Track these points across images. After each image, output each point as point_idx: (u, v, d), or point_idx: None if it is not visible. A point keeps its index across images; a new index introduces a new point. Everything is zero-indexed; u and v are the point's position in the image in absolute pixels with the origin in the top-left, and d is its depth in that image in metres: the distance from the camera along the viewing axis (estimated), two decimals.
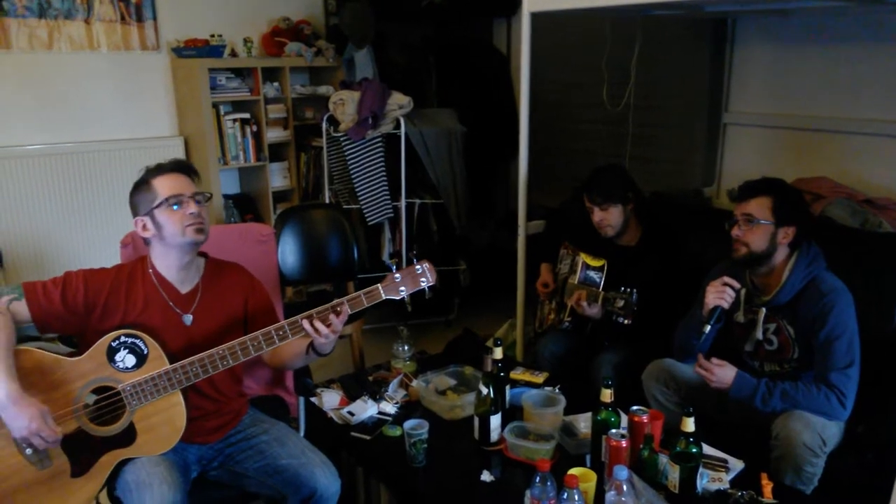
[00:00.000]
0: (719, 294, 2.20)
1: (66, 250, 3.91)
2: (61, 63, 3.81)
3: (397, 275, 1.92)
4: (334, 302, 1.89)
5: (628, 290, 2.52)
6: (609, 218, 2.74)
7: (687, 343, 2.34)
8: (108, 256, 2.18)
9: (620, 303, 2.53)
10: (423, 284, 1.93)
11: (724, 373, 2.16)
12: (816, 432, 2.04)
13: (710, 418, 2.22)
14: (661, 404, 2.38)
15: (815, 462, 2.05)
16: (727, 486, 1.91)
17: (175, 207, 1.89)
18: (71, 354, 1.87)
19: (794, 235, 2.18)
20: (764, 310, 2.26)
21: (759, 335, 2.28)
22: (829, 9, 2.93)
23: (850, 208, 2.82)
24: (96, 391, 1.86)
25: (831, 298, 2.12)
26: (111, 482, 1.88)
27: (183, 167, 1.97)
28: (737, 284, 2.19)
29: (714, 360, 2.17)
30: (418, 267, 1.93)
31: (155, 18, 4.04)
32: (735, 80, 3.50)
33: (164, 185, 1.91)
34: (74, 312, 1.90)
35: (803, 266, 2.19)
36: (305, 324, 1.87)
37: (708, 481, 1.91)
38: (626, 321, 2.53)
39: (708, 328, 2.22)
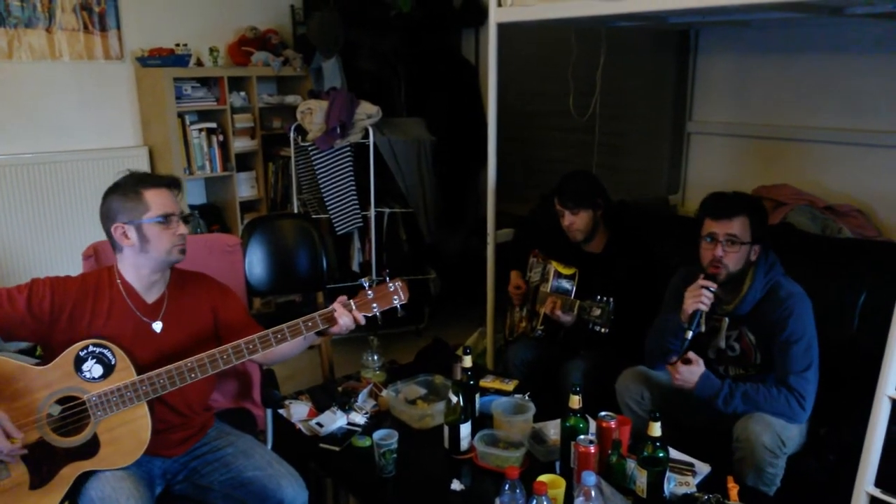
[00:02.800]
0: (697, 298, 2.18)
1: (28, 262, 3.83)
2: (22, 72, 3.75)
3: (370, 292, 1.92)
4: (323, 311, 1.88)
5: (605, 298, 2.53)
6: (578, 222, 2.76)
7: (664, 349, 2.32)
8: (70, 268, 2.14)
9: (597, 311, 2.53)
10: (395, 303, 1.93)
11: (690, 372, 2.18)
12: (776, 433, 2.08)
13: (678, 423, 2.24)
14: (634, 412, 2.39)
15: (775, 463, 2.09)
16: (694, 489, 1.93)
17: (172, 224, 1.89)
18: (36, 364, 1.83)
19: (759, 252, 2.22)
20: (727, 319, 2.29)
21: (722, 344, 2.31)
22: (789, 20, 3.00)
23: (811, 215, 2.88)
24: (61, 401, 1.83)
25: (791, 303, 2.16)
26: (74, 498, 1.84)
27: (178, 184, 1.97)
28: (713, 285, 2.18)
29: (690, 353, 2.18)
30: (391, 285, 1.93)
31: (119, 27, 3.99)
32: (698, 90, 3.57)
33: (158, 201, 1.89)
34: (40, 320, 1.86)
35: (762, 274, 2.22)
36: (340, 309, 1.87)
37: (675, 485, 1.93)
38: (603, 330, 2.53)
39: (690, 334, 2.21)
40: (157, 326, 1.96)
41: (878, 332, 1.94)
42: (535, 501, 1.63)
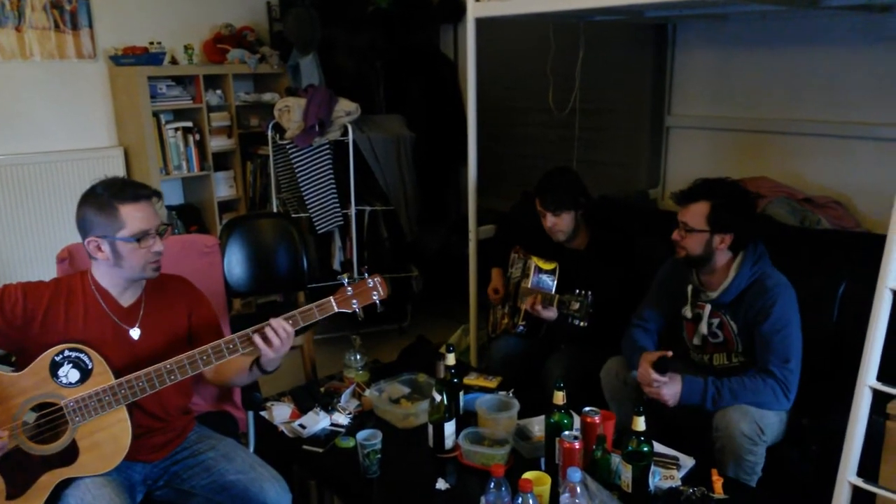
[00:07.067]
0: (648, 387, 2.20)
1: (1, 266, 3.75)
2: None
3: (349, 288, 1.92)
4: (281, 317, 1.87)
5: (583, 292, 2.53)
6: (561, 223, 2.75)
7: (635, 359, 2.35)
8: (45, 271, 2.11)
9: (576, 305, 2.54)
10: (374, 298, 1.94)
11: (671, 389, 2.18)
12: (754, 421, 2.09)
13: (661, 412, 2.24)
14: (618, 401, 2.41)
15: (754, 451, 2.10)
16: (679, 483, 1.93)
17: (147, 242, 1.84)
18: (11, 371, 1.80)
19: (732, 241, 2.22)
20: (709, 306, 2.31)
21: (705, 330, 2.33)
22: (766, 13, 3.02)
23: (790, 207, 2.90)
24: (37, 408, 1.79)
25: (775, 293, 2.18)
26: None
27: (154, 194, 1.91)
28: (662, 379, 2.16)
29: (657, 376, 2.16)
30: (370, 281, 1.94)
31: (91, 26, 3.92)
32: (677, 84, 3.58)
33: (134, 217, 1.83)
34: (13, 325, 1.82)
35: (749, 266, 2.24)
36: (256, 337, 1.83)
37: (660, 479, 1.93)
38: (581, 323, 2.53)
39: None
40: (135, 333, 1.93)
41: (858, 322, 1.95)
42: (520, 499, 1.63)
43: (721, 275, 2.28)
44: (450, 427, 2.12)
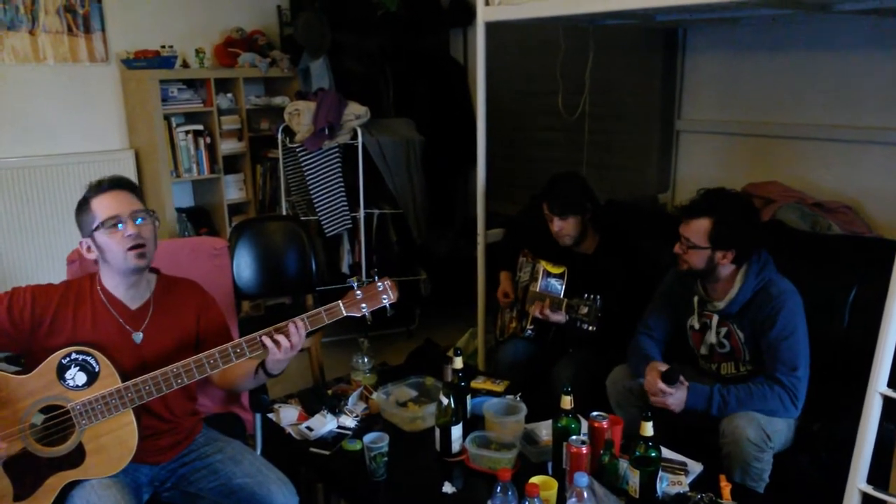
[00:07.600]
0: (654, 397, 2.19)
1: (12, 268, 3.78)
2: (5, 75, 3.70)
3: (359, 292, 1.91)
4: (287, 321, 1.87)
5: (592, 296, 2.52)
6: (567, 228, 2.75)
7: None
8: (56, 274, 2.12)
9: (584, 309, 2.53)
10: (384, 302, 1.93)
11: (677, 398, 2.17)
12: (761, 427, 2.08)
13: (668, 420, 2.23)
14: (623, 408, 2.39)
15: (760, 457, 2.08)
16: (687, 489, 1.92)
17: (118, 227, 1.83)
18: (18, 373, 1.80)
19: (735, 256, 2.20)
20: (717, 316, 2.29)
21: (713, 339, 2.31)
22: (777, 17, 3.00)
23: (800, 212, 2.88)
24: (44, 410, 1.80)
25: (780, 300, 2.16)
26: None
27: (121, 183, 1.89)
28: (669, 390, 2.16)
29: (665, 387, 2.16)
30: (380, 284, 1.92)
31: (103, 30, 3.95)
32: (687, 88, 3.56)
33: (102, 205, 1.84)
34: (20, 329, 1.83)
35: (754, 275, 2.22)
36: (266, 340, 1.83)
37: (668, 485, 1.92)
38: (590, 328, 2.52)
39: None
40: (138, 337, 1.93)
41: (869, 328, 1.93)
42: (527, 503, 1.62)
43: (726, 285, 2.26)
44: (457, 431, 2.12)
